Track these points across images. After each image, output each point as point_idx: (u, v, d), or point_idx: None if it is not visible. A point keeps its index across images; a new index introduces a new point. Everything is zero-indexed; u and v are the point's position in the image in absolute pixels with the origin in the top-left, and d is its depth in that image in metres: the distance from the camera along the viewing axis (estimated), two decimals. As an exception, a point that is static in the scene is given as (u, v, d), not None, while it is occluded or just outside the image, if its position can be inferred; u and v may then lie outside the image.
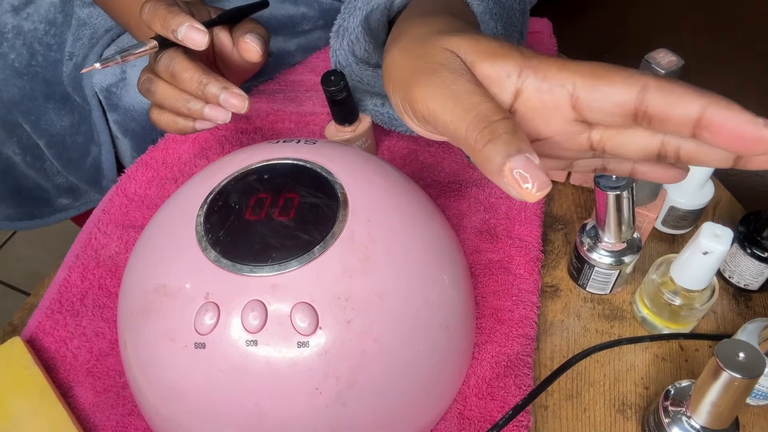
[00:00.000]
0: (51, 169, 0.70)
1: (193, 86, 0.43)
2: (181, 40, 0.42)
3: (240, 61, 0.49)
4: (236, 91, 0.43)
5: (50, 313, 0.49)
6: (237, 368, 0.34)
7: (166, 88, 0.45)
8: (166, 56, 0.44)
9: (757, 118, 0.24)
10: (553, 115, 0.29)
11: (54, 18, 0.63)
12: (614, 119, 0.28)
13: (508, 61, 0.29)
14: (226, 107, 0.44)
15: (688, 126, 0.26)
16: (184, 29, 0.41)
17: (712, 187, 0.52)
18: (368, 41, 0.51)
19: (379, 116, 0.56)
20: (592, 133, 0.30)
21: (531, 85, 0.29)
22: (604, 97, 0.27)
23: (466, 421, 0.43)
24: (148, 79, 0.45)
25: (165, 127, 0.47)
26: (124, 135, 0.63)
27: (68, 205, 0.74)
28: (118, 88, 0.60)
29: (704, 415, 0.37)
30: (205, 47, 0.42)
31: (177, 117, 0.46)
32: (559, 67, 0.28)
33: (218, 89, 0.43)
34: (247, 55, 0.47)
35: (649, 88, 0.26)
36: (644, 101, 0.26)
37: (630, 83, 0.26)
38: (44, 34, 0.63)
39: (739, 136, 0.24)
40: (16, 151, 0.67)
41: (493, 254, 0.52)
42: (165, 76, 0.44)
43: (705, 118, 0.25)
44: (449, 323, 0.40)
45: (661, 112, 0.26)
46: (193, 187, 0.42)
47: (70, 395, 0.45)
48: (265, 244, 0.36)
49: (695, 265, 0.42)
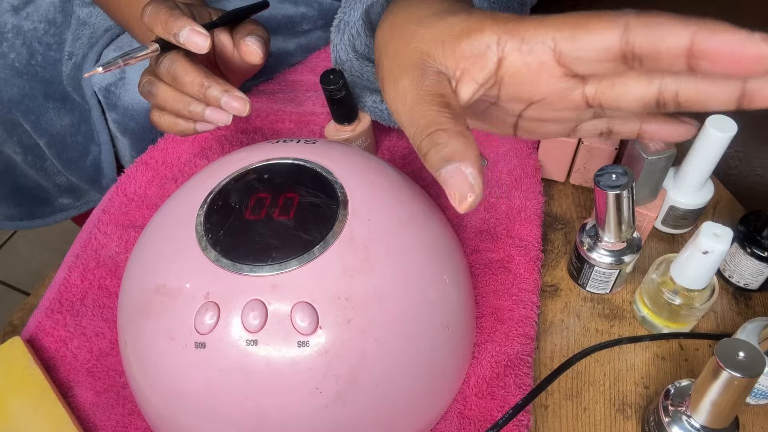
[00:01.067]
0: (51, 168, 0.70)
1: (195, 89, 0.43)
2: (183, 43, 0.42)
3: (240, 62, 0.49)
4: (237, 94, 0.43)
5: (50, 313, 0.49)
6: (237, 368, 0.34)
7: (167, 90, 0.45)
8: (168, 59, 0.44)
9: (753, 33, 0.23)
10: (540, 74, 0.29)
11: (54, 18, 0.63)
12: (604, 67, 0.27)
13: (483, 33, 0.29)
14: (227, 110, 0.44)
15: (682, 58, 0.25)
16: (185, 33, 0.42)
17: (712, 186, 0.52)
18: (368, 36, 0.51)
19: (378, 113, 0.56)
20: (586, 87, 0.29)
21: (512, 49, 0.29)
22: (587, 46, 0.27)
23: (466, 420, 0.43)
24: (149, 81, 0.45)
25: (166, 129, 0.47)
26: (123, 134, 0.63)
27: (69, 204, 0.74)
28: (117, 87, 0.60)
29: (704, 415, 0.37)
30: (206, 51, 0.42)
31: (178, 119, 0.46)
32: (536, 25, 0.28)
33: (219, 92, 0.43)
34: (249, 57, 0.47)
35: (632, 27, 0.25)
36: (629, 41, 0.25)
37: (611, 26, 0.26)
38: (44, 34, 0.63)
39: (737, 58, 0.23)
40: (17, 150, 0.67)
41: (493, 254, 0.52)
42: (166, 78, 0.44)
43: (696, 45, 0.24)
44: (449, 323, 0.40)
45: (649, 49, 0.25)
46: (193, 186, 0.42)
47: (70, 395, 0.45)
48: (265, 244, 0.36)
49: (695, 264, 0.42)
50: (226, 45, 0.49)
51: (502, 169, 0.57)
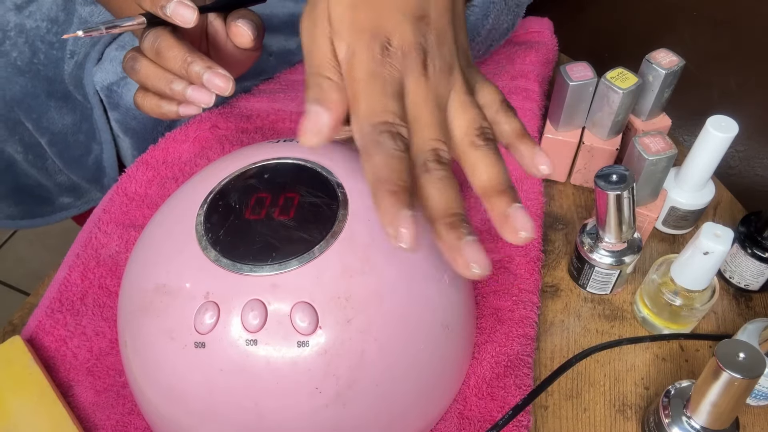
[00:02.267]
0: (53, 167, 0.70)
1: (177, 64, 0.42)
2: (170, 16, 0.41)
3: (234, 51, 0.48)
4: (221, 72, 0.42)
5: (50, 312, 0.49)
6: (237, 368, 0.34)
7: (149, 66, 0.43)
8: (153, 34, 0.43)
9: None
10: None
11: (56, 16, 0.63)
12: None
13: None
14: (209, 87, 0.42)
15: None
16: (172, 5, 0.40)
17: (712, 187, 0.52)
18: None
19: None
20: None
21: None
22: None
23: (466, 421, 0.43)
24: (132, 57, 0.44)
25: (149, 111, 0.46)
26: (125, 133, 0.63)
27: (70, 203, 0.74)
28: (119, 86, 0.60)
29: (704, 416, 0.37)
30: (193, 24, 0.41)
31: (161, 101, 0.45)
32: None
33: (202, 68, 0.42)
34: (239, 39, 0.45)
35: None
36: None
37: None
38: (46, 32, 0.63)
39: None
40: (18, 149, 0.67)
41: (493, 254, 0.51)
42: (150, 54, 0.43)
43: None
44: (449, 323, 0.40)
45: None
46: (193, 186, 0.42)
47: (70, 394, 0.45)
48: (265, 244, 0.36)
49: (696, 265, 0.42)
50: (219, 32, 0.48)
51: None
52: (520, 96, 0.62)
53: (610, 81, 0.50)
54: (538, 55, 0.66)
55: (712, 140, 0.47)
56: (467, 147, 0.34)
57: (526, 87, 0.63)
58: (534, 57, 0.66)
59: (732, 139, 0.46)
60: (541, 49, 0.67)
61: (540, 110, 0.62)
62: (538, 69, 0.65)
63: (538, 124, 0.60)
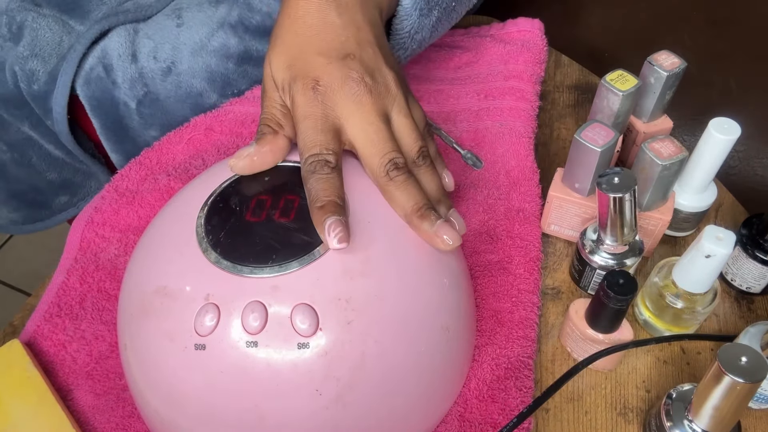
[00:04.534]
0: (39, 165, 0.69)
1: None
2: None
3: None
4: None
5: (49, 317, 0.49)
6: (237, 369, 0.34)
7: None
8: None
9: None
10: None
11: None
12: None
13: None
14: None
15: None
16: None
17: (714, 189, 0.52)
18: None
19: None
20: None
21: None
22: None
23: (466, 423, 0.43)
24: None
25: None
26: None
27: (67, 203, 0.73)
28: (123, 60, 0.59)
29: (706, 419, 0.37)
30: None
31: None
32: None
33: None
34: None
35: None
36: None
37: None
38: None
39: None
40: (2, 148, 0.66)
41: (492, 255, 0.51)
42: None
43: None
44: (449, 325, 0.40)
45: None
46: (194, 188, 0.42)
47: (69, 398, 0.45)
48: (266, 246, 0.36)
49: (697, 268, 0.42)
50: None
51: (500, 171, 0.57)
52: (514, 96, 0.62)
53: (609, 83, 0.50)
54: (530, 56, 0.66)
55: (714, 143, 0.46)
56: (410, 165, 0.41)
57: (520, 87, 0.63)
58: (526, 57, 0.66)
59: (735, 141, 0.46)
60: (533, 49, 0.67)
61: (534, 111, 0.62)
62: (531, 69, 0.65)
63: (532, 125, 0.60)
